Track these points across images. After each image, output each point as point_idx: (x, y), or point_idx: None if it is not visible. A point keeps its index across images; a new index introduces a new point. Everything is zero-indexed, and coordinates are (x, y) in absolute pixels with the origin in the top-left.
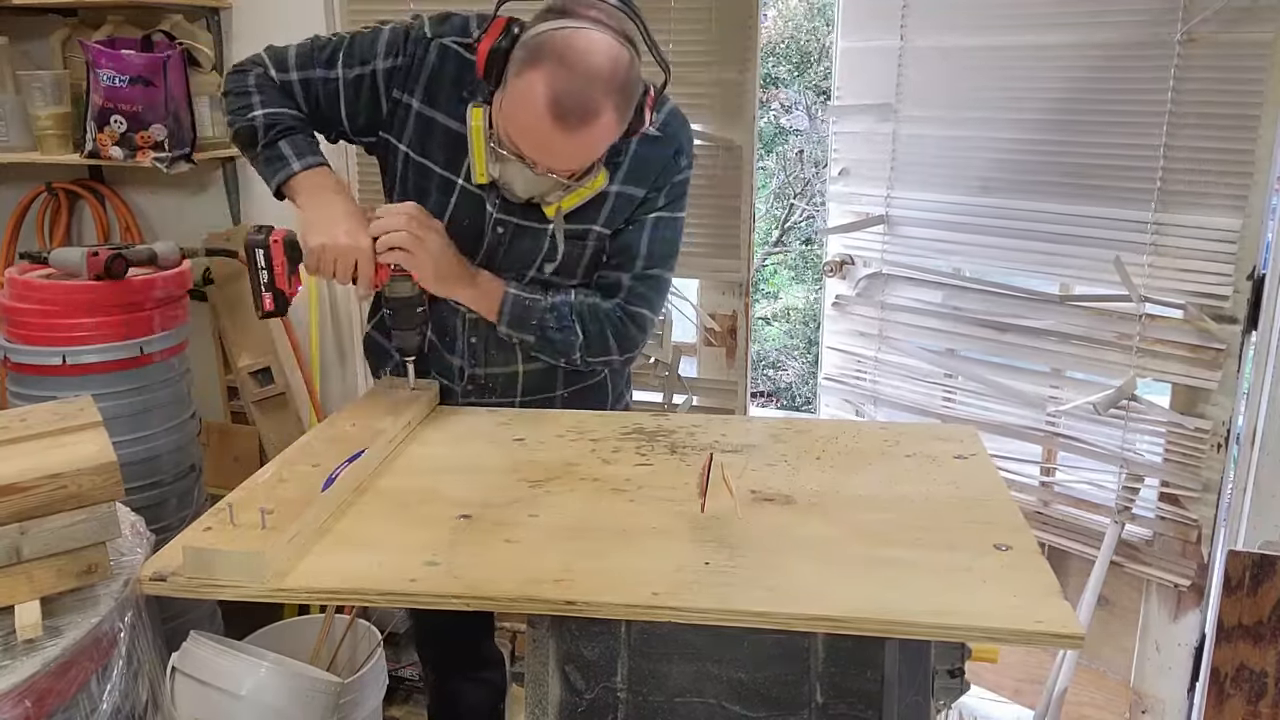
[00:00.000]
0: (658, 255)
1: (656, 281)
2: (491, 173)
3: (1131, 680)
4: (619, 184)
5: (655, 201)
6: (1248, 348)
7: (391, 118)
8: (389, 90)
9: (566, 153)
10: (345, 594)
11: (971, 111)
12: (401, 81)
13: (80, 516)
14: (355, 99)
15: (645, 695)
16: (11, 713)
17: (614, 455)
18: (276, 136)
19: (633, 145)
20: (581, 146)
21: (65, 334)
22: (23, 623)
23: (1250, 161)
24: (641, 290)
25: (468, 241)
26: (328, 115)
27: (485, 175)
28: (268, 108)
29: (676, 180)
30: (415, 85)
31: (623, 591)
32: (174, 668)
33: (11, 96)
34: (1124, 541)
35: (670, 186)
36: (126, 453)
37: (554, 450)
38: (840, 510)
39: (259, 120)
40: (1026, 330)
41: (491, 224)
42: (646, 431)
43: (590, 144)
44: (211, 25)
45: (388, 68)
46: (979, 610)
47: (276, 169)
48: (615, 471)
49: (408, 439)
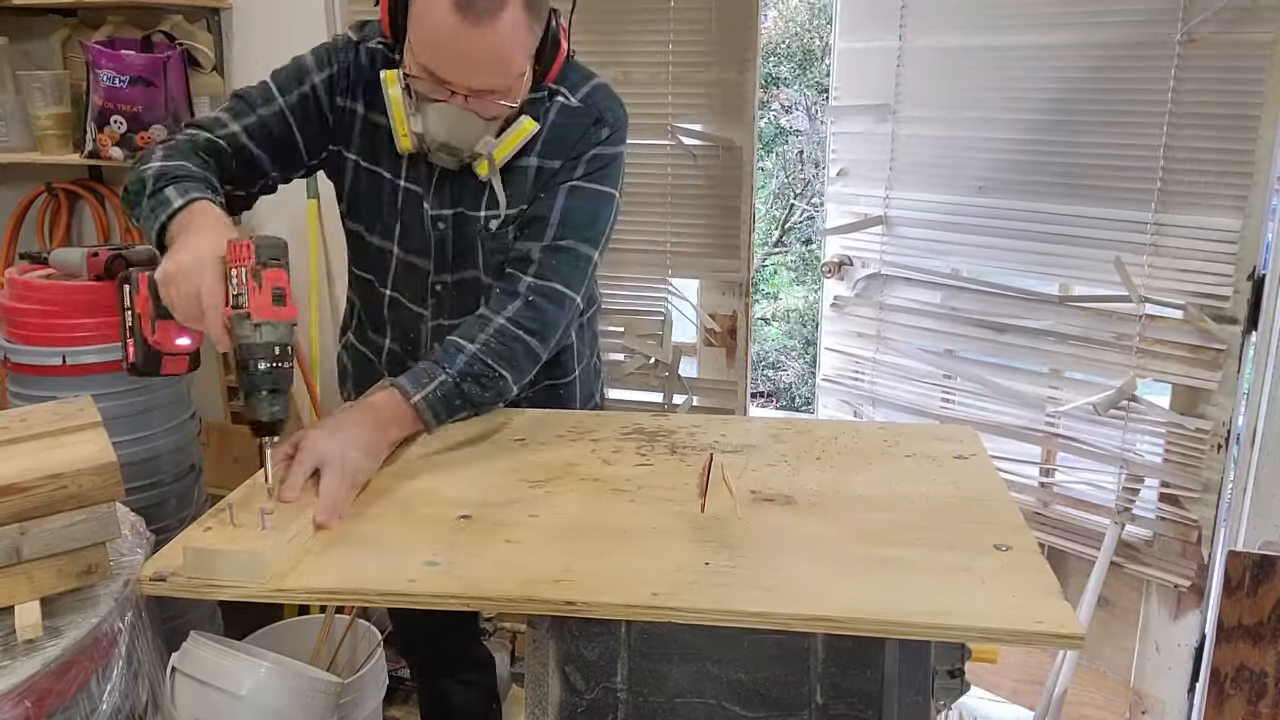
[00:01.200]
0: (570, 225)
1: (570, 255)
2: (413, 128)
3: (1131, 680)
4: (537, 157)
5: (572, 170)
6: (1248, 348)
7: (338, 128)
8: (331, 99)
9: (478, 56)
10: (344, 594)
11: (970, 112)
12: (343, 88)
13: (80, 517)
14: (305, 120)
15: (645, 696)
16: (11, 713)
17: (614, 455)
18: (165, 185)
19: (550, 117)
20: (491, 47)
21: (65, 334)
22: (22, 623)
23: (1250, 161)
24: (553, 263)
25: (417, 244)
26: (286, 149)
27: (408, 136)
28: (166, 161)
29: (597, 152)
30: (356, 89)
31: (623, 592)
32: (174, 668)
33: (11, 96)
34: (1124, 542)
35: (591, 157)
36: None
37: (554, 450)
38: (840, 510)
39: (150, 171)
40: (1026, 331)
41: (429, 221)
42: (646, 432)
43: (500, 45)
44: (211, 25)
45: (324, 78)
46: (979, 610)
47: (158, 214)
48: (615, 472)
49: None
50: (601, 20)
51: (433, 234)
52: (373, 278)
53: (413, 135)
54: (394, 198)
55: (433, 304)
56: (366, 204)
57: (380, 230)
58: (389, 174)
